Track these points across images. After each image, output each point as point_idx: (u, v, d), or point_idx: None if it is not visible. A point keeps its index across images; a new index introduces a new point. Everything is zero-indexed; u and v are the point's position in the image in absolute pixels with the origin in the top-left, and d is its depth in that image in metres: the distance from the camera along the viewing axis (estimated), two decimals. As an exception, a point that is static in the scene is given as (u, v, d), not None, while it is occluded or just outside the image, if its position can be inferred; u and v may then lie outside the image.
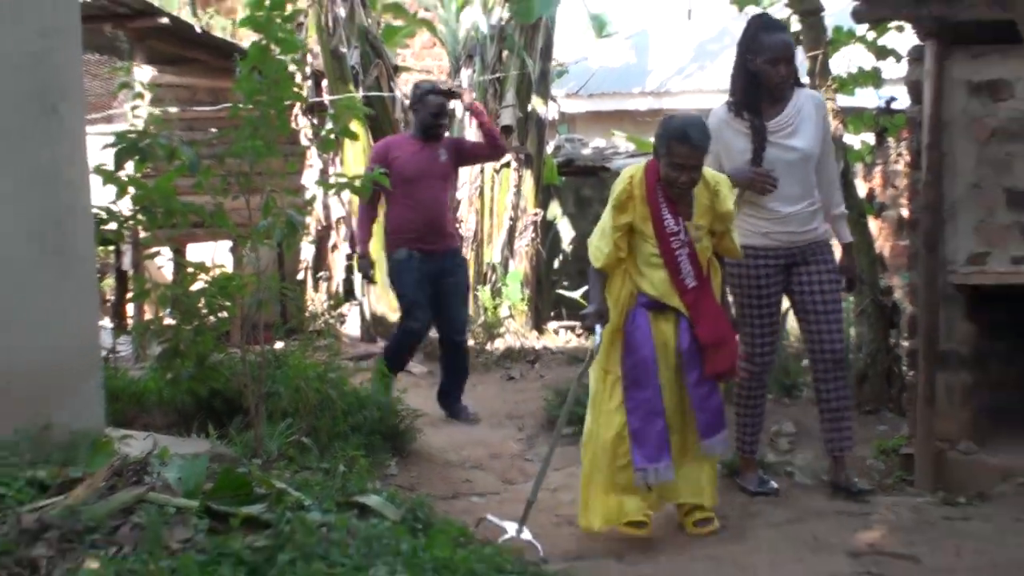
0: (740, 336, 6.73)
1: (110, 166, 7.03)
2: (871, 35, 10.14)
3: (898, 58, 9.91)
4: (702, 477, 6.34)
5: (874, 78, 10.39)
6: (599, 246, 6.29)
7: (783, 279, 6.76)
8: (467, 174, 13.96)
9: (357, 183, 7.73)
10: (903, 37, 9.59)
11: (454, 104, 11.88)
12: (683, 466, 6.30)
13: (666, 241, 6.15)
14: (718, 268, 6.46)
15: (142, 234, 11.15)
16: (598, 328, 6.27)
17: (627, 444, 6.17)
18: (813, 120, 6.52)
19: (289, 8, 7.04)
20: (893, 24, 9.39)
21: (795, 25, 9.85)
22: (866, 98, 11.18)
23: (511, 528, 5.96)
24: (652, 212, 6.16)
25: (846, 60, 10.55)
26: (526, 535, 5.94)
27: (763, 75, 6.49)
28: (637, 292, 6.33)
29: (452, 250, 9.57)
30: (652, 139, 6.49)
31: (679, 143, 6.03)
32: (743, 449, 6.99)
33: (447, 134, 9.99)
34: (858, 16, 8.10)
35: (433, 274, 9.31)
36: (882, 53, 10.29)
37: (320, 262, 14.10)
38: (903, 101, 8.69)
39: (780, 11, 10.51)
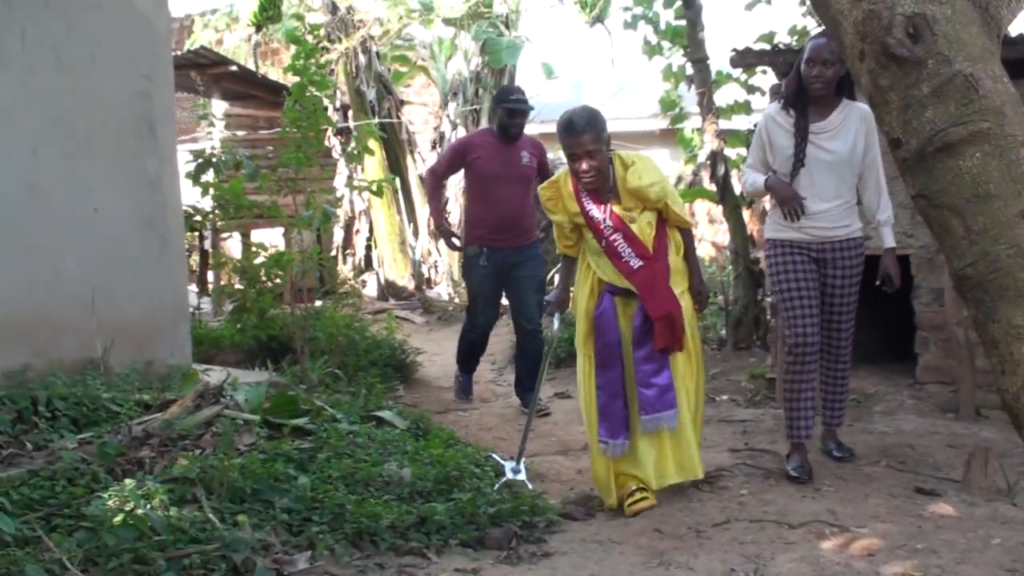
0: (784, 325, 5.40)
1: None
2: (743, 76, 10.14)
3: (762, 93, 9.92)
4: (650, 454, 4.81)
5: (745, 108, 10.39)
6: (557, 237, 5.12)
7: (817, 269, 5.31)
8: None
9: (375, 187, 7.73)
10: (766, 78, 9.62)
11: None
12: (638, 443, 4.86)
13: (597, 230, 4.85)
14: (679, 244, 5.00)
15: (219, 223, 11.13)
16: (556, 316, 5.22)
17: None
18: (855, 129, 5.21)
19: (322, 59, 7.01)
20: (759, 68, 9.39)
21: (689, 69, 9.84)
22: (740, 122, 11.17)
23: (508, 468, 4.92)
24: (579, 206, 4.87)
25: (726, 95, 10.55)
26: (521, 475, 4.91)
27: (804, 75, 5.19)
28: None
29: (525, 245, 7.18)
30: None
31: (566, 134, 4.77)
32: (790, 435, 5.34)
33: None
34: (734, 63, 8.11)
35: (505, 267, 7.14)
36: (751, 89, 10.28)
37: (347, 242, 14.07)
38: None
39: (678, 59, 10.50)
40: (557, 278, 5.33)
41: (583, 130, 4.72)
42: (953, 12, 2.24)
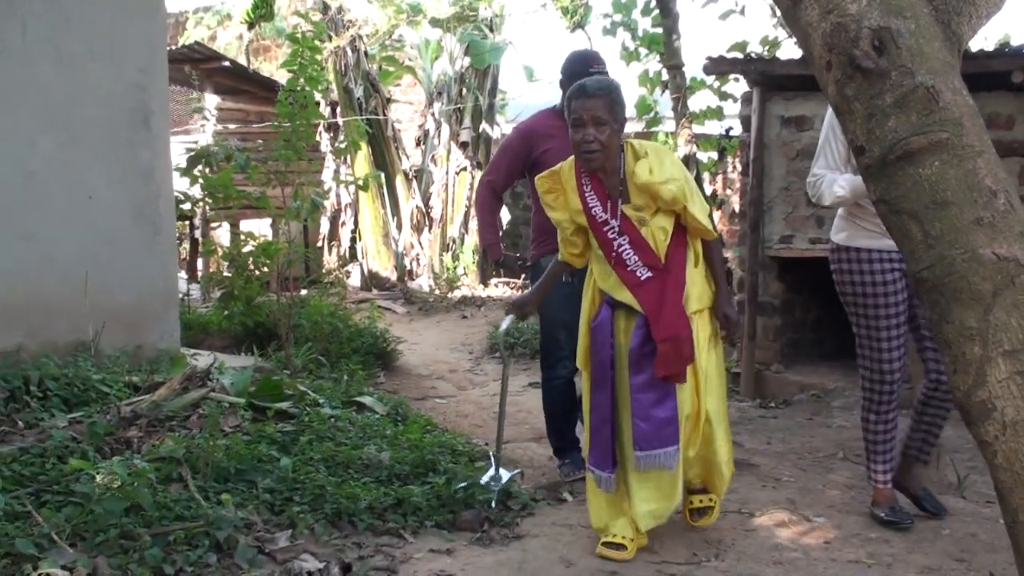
0: (862, 354, 4.33)
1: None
2: (716, 83, 10.15)
3: (734, 100, 9.94)
4: (644, 491, 3.92)
5: (718, 113, 10.40)
6: (561, 242, 4.14)
7: (907, 284, 4.18)
8: (439, 174, 13.94)
9: (361, 182, 7.72)
10: (738, 85, 9.63)
11: None
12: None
13: (600, 231, 3.91)
14: (699, 253, 3.98)
15: (209, 212, 11.10)
16: (509, 318, 4.37)
17: None
18: None
19: (317, 57, 6.98)
20: (731, 76, 9.41)
21: (664, 75, 9.85)
22: (712, 127, 11.19)
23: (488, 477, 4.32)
24: (581, 201, 3.93)
25: (699, 101, 10.58)
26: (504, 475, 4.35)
27: None
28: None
29: None
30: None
31: (574, 97, 3.86)
32: (874, 479, 4.38)
33: None
34: (707, 70, 8.15)
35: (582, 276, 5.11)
36: (723, 96, 10.29)
37: (333, 234, 14.00)
38: (737, 129, 8.73)
39: (654, 65, 10.50)
40: (538, 281, 4.41)
41: (593, 94, 3.84)
42: (917, 27, 2.25)
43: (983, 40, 9.05)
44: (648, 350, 3.82)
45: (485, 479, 4.34)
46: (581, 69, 4.75)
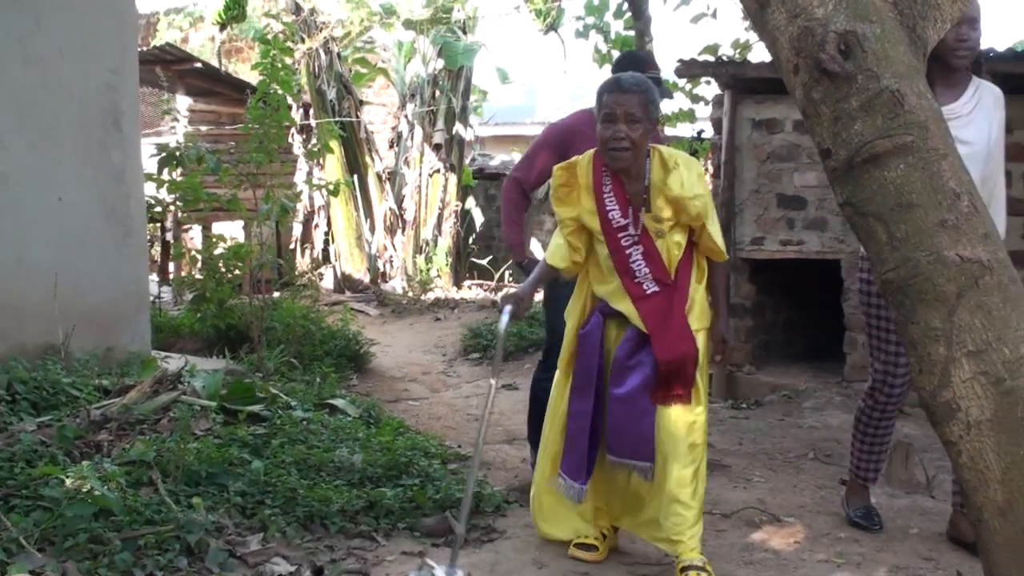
0: (875, 356, 4.18)
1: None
2: (688, 86, 10.21)
3: (706, 102, 10.00)
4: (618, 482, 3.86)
5: (690, 116, 10.48)
6: (557, 245, 3.82)
7: None
8: (412, 176, 13.94)
9: (332, 187, 7.71)
10: (710, 88, 9.69)
11: None
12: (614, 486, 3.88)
13: (613, 237, 3.68)
14: (704, 270, 3.79)
15: (180, 215, 11.05)
16: (507, 310, 3.73)
17: None
18: (989, 114, 3.92)
19: (287, 59, 6.97)
20: (703, 79, 9.46)
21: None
22: (684, 130, 11.24)
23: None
24: (597, 202, 3.70)
25: (671, 103, 10.62)
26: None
27: (943, 40, 3.25)
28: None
29: None
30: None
31: (609, 92, 3.64)
32: (858, 474, 4.34)
33: None
34: (679, 73, 8.17)
35: None
36: (695, 99, 10.36)
37: (306, 236, 13.98)
38: (709, 132, 8.78)
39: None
40: (529, 277, 3.98)
41: (629, 88, 3.62)
42: (883, 31, 2.28)
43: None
44: (633, 363, 3.66)
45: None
46: (631, 68, 4.36)
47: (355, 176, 13.43)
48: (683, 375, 3.61)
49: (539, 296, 4.86)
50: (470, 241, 15.09)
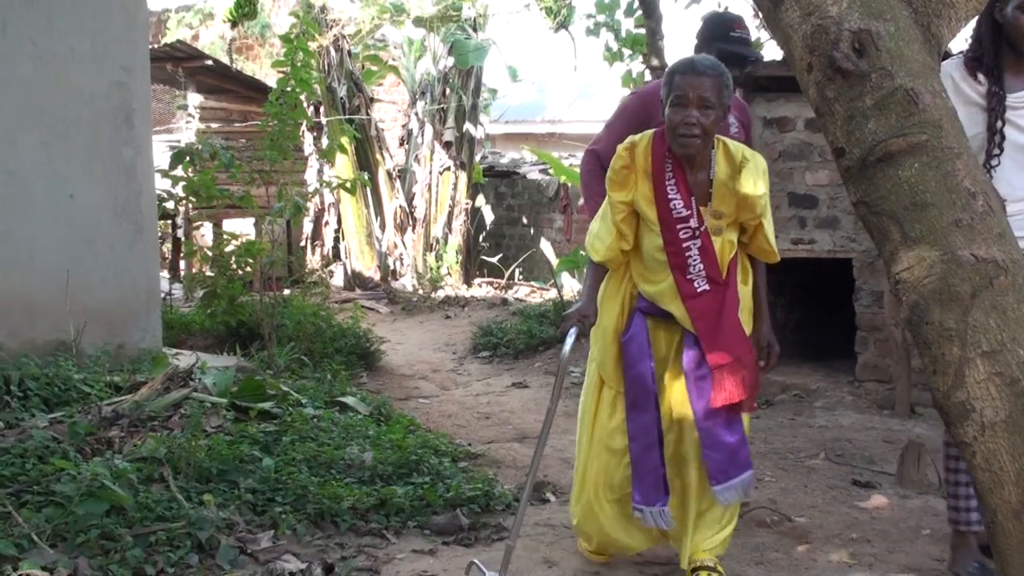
0: None
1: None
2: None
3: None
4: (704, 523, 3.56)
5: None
6: (598, 234, 3.53)
7: None
8: (423, 173, 13.94)
9: (348, 185, 7.72)
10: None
11: None
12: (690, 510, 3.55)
13: (672, 228, 3.40)
14: (749, 272, 3.62)
15: (191, 212, 11.07)
16: (572, 332, 3.36)
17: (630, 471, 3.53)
18: None
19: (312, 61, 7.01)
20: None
21: (647, 75, 9.86)
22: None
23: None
24: (656, 190, 3.40)
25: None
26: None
27: (1011, 25, 3.45)
28: (638, 293, 3.57)
29: None
30: (552, 152, 4.11)
31: (682, 73, 3.34)
32: (955, 520, 3.69)
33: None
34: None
35: None
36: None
37: (316, 234, 13.99)
38: (720, 131, 8.75)
39: (637, 66, 10.52)
40: (584, 287, 3.64)
41: (703, 71, 3.33)
42: (897, 29, 2.27)
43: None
44: (705, 371, 3.40)
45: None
46: (721, 33, 4.13)
47: (366, 174, 13.44)
48: (742, 377, 3.38)
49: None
50: (480, 239, 15.09)
